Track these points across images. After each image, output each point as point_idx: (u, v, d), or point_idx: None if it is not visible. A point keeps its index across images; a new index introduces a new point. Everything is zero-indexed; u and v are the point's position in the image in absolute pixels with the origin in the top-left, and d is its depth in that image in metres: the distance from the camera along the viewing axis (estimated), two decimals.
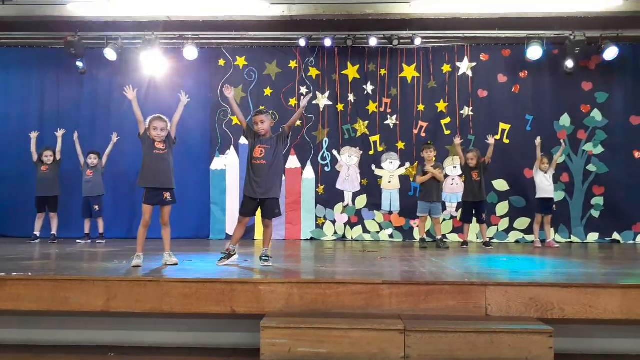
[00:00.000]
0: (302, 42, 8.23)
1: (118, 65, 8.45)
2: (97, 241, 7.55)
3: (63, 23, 7.84)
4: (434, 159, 7.32)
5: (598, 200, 8.28)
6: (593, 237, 8.25)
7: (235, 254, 4.85)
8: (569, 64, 8.09)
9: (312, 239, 8.47)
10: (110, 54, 8.20)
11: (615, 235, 8.20)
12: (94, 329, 3.89)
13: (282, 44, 8.65)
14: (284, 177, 8.53)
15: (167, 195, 4.75)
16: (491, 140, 7.31)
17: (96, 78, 8.74)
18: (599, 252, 6.75)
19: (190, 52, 8.22)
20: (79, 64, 8.43)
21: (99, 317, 3.83)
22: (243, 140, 8.17)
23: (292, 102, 8.66)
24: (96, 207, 7.65)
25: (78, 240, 7.59)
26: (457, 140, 7.48)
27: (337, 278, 3.77)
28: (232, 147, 8.65)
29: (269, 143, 4.84)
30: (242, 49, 8.73)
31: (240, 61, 8.71)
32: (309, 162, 8.64)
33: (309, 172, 8.64)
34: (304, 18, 7.46)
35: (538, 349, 3.15)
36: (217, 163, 8.64)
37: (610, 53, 7.95)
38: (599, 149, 8.34)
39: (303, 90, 8.64)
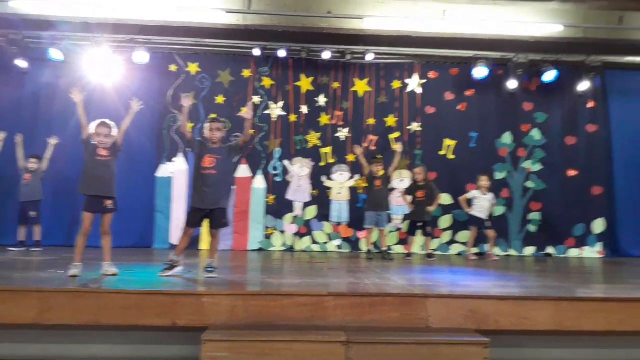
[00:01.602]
0: (257, 52, 8.23)
1: (63, 66, 8.13)
2: (32, 249, 7.17)
3: (3, 20, 7.48)
4: (381, 172, 7.46)
5: (535, 215, 8.70)
6: (529, 250, 8.65)
7: (178, 264, 4.74)
8: (512, 84, 8.49)
9: (260, 249, 8.41)
10: (55, 53, 7.89)
11: (549, 249, 8.63)
12: (25, 342, 3.70)
13: (236, 52, 8.61)
14: (234, 186, 8.49)
15: (109, 202, 4.61)
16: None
17: (39, 79, 8.37)
18: (534, 265, 7.07)
19: (141, 56, 8.04)
20: (22, 63, 8.04)
21: (31, 330, 3.65)
22: None
23: (243, 110, 8.60)
24: (33, 213, 7.28)
25: (10, 248, 7.19)
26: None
27: (283, 289, 3.77)
28: (179, 154, 8.50)
29: (219, 153, 4.76)
30: (194, 55, 8.63)
31: (193, 67, 8.60)
32: (259, 171, 8.61)
33: (259, 182, 8.61)
34: (258, 28, 7.47)
35: (474, 359, 3.26)
36: (163, 170, 8.45)
37: (550, 75, 8.42)
38: (537, 166, 8.77)
39: (256, 99, 8.62)
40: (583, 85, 8.64)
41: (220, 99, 8.59)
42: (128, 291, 3.57)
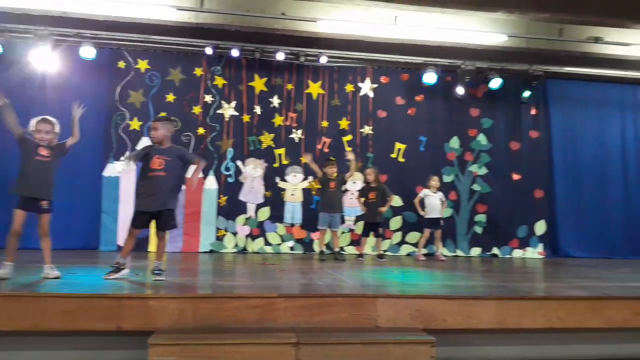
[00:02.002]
0: (209, 50, 8.11)
1: (2, 60, 7.71)
2: None
3: None
4: (335, 174, 7.52)
5: (481, 218, 9.01)
6: (476, 251, 8.95)
7: (125, 267, 4.59)
8: (460, 90, 8.77)
9: (211, 251, 8.29)
10: None
11: (495, 250, 8.97)
12: None
13: (188, 51, 8.44)
14: (183, 187, 8.31)
15: (45, 203, 4.39)
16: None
17: None
18: (480, 265, 7.32)
19: (87, 52, 7.74)
20: None
21: None
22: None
23: (196, 109, 8.48)
24: None
25: None
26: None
27: (233, 292, 3.73)
28: (128, 154, 8.24)
29: (169, 154, 4.60)
30: (144, 52, 8.40)
31: (142, 64, 8.38)
32: (211, 172, 8.48)
33: (211, 183, 8.47)
34: (211, 26, 7.36)
35: (421, 358, 3.34)
36: (110, 169, 8.16)
37: (495, 83, 8.76)
38: (483, 170, 9.10)
39: (208, 98, 8.50)
40: (526, 93, 9.04)
41: (170, 97, 8.41)
42: (70, 295, 3.44)
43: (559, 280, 5.49)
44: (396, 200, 8.68)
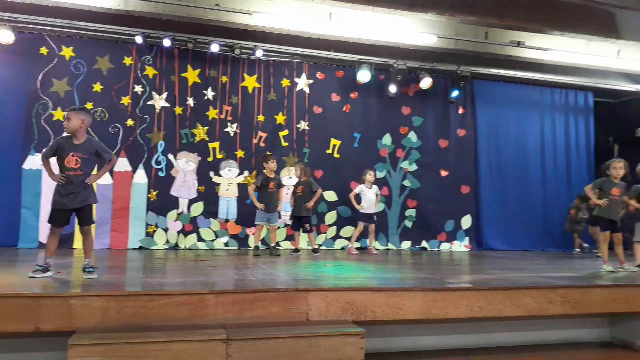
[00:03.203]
0: (139, 40, 7.84)
1: None
2: None
3: None
4: (274, 172, 7.47)
5: (411, 212, 9.33)
6: (406, 245, 9.26)
7: (50, 266, 4.33)
8: (392, 89, 9.01)
9: (141, 248, 8.02)
10: None
11: (424, 244, 9.32)
12: None
13: (117, 39, 8.10)
14: (111, 181, 8.00)
15: None
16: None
17: None
18: (410, 258, 7.58)
19: (5, 36, 7.24)
20: None
21: None
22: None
23: (125, 100, 8.15)
24: None
25: None
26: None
27: (160, 289, 3.63)
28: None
29: (84, 151, 4.26)
30: (69, 39, 7.97)
31: (67, 52, 7.94)
32: (141, 165, 8.19)
33: (140, 177, 8.18)
34: (141, 15, 7.07)
35: (351, 350, 3.42)
36: (31, 162, 7.67)
37: (426, 83, 9.07)
38: (414, 167, 9.42)
39: (138, 89, 8.20)
40: (455, 93, 9.43)
41: (98, 87, 8.04)
42: None
43: (481, 272, 5.79)
44: (331, 196, 8.79)
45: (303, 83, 9.01)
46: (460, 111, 9.75)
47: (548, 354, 4.34)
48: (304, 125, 8.98)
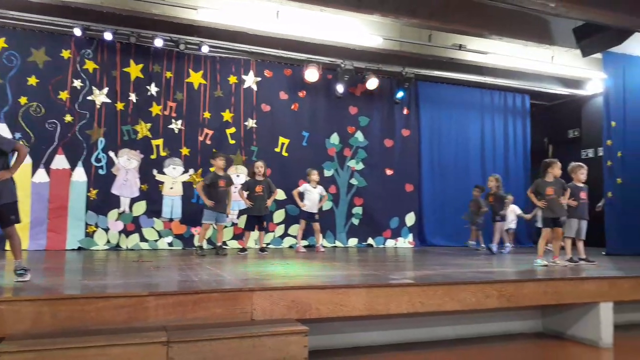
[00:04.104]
0: (78, 32, 7.52)
1: None
2: None
3: None
4: (223, 169, 7.35)
5: (358, 210, 9.48)
6: (353, 242, 9.40)
7: None
8: (340, 89, 9.11)
9: (80, 248, 7.70)
10: None
11: (370, 240, 9.49)
12: None
13: (54, 30, 7.74)
14: (47, 179, 7.64)
15: None
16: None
17: None
18: (357, 255, 7.69)
19: None
20: None
21: None
22: None
23: (63, 95, 7.80)
24: None
25: None
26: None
27: (98, 292, 3.51)
28: None
29: None
30: (1, 29, 7.52)
31: None
32: (80, 163, 7.87)
33: (79, 174, 7.86)
34: (80, 6, 6.78)
35: (295, 348, 3.43)
36: None
37: (372, 83, 9.23)
38: (360, 166, 9.57)
39: (77, 83, 7.87)
40: (400, 94, 9.64)
41: (33, 80, 7.65)
42: None
43: (423, 267, 5.96)
44: (280, 194, 8.78)
45: (250, 80, 8.93)
46: (405, 112, 9.99)
47: (486, 346, 4.52)
48: (251, 123, 8.91)
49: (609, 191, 8.42)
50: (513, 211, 9.05)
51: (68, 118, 7.81)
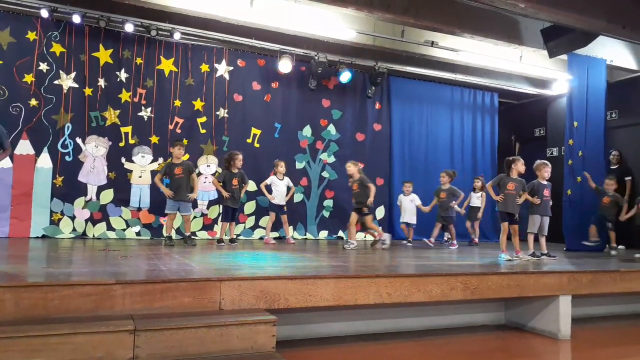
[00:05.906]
0: (45, 13, 7.30)
1: None
2: None
3: None
4: (184, 157, 7.25)
5: (329, 203, 9.54)
6: (324, 234, 9.47)
7: None
8: (313, 81, 9.10)
9: (44, 236, 7.52)
10: None
11: (340, 233, 9.57)
12: None
13: (19, 11, 7.50)
14: (11, 164, 7.42)
15: None
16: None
17: None
18: (327, 247, 7.75)
19: None
20: None
21: None
22: None
23: (28, 78, 7.57)
24: None
25: None
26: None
27: (62, 280, 3.45)
28: None
29: None
30: None
31: None
32: (45, 149, 7.68)
33: (44, 161, 7.66)
34: None
35: (263, 338, 3.45)
36: None
37: (345, 77, 9.26)
38: (332, 159, 9.63)
39: (43, 66, 7.64)
40: (372, 89, 9.72)
41: None
42: None
43: (390, 259, 6.06)
44: (251, 185, 8.74)
45: (223, 69, 8.84)
46: (377, 106, 10.08)
47: (450, 337, 4.64)
48: (223, 113, 8.83)
49: (568, 189, 8.70)
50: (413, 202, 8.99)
51: (33, 102, 7.59)
